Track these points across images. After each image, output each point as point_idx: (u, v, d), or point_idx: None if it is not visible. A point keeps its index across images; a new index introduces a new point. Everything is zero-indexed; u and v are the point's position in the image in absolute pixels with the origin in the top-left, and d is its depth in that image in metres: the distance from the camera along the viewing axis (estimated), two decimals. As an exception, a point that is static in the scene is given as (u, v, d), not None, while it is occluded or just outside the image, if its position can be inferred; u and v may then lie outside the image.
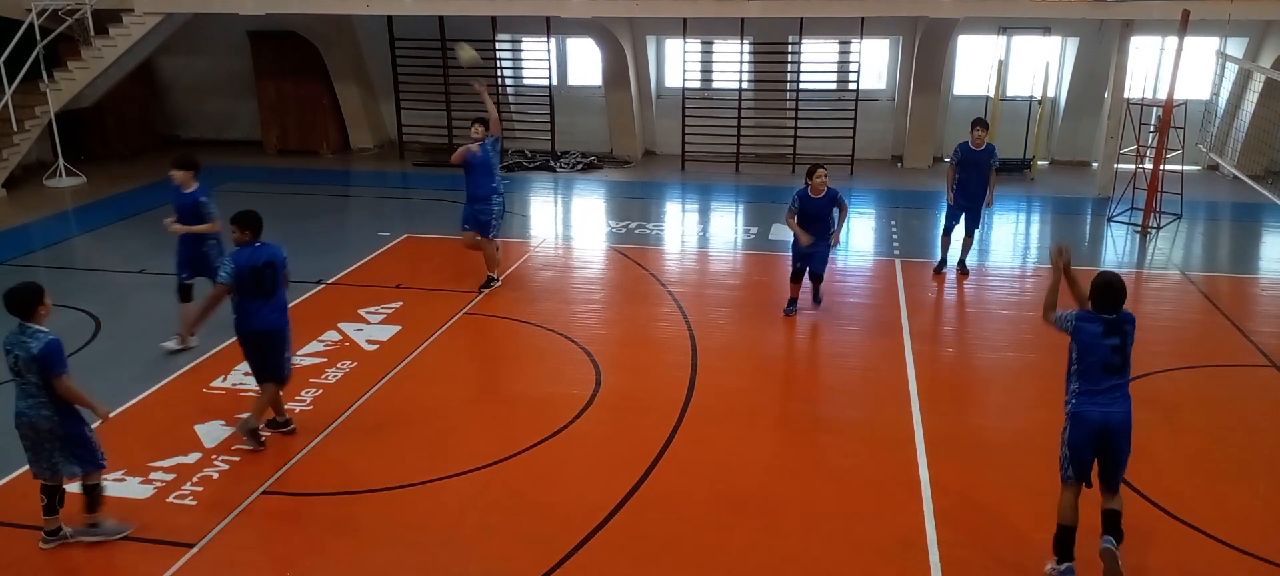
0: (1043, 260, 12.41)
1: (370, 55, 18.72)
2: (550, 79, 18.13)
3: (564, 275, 11.75)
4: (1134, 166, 13.92)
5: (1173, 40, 12.91)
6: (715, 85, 18.14)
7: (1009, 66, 17.27)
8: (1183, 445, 7.41)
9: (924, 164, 17.44)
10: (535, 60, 18.72)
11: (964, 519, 6.35)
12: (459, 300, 10.40)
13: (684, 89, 17.72)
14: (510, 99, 18.90)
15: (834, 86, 17.62)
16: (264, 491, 6.65)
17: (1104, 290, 5.49)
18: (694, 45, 18.01)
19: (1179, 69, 12.68)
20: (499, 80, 18.36)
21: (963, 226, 11.17)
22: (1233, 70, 15.60)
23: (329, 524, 6.38)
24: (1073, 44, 17.07)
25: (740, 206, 15.26)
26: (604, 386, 8.35)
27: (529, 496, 6.65)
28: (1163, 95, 13.32)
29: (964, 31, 16.91)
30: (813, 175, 9.32)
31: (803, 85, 17.43)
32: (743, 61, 17.20)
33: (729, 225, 14.27)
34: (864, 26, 16.51)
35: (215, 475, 6.86)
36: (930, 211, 14.14)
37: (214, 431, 7.49)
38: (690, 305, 10.35)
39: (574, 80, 19.00)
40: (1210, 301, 10.67)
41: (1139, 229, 13.18)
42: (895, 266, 11.78)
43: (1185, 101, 13.95)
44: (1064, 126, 17.71)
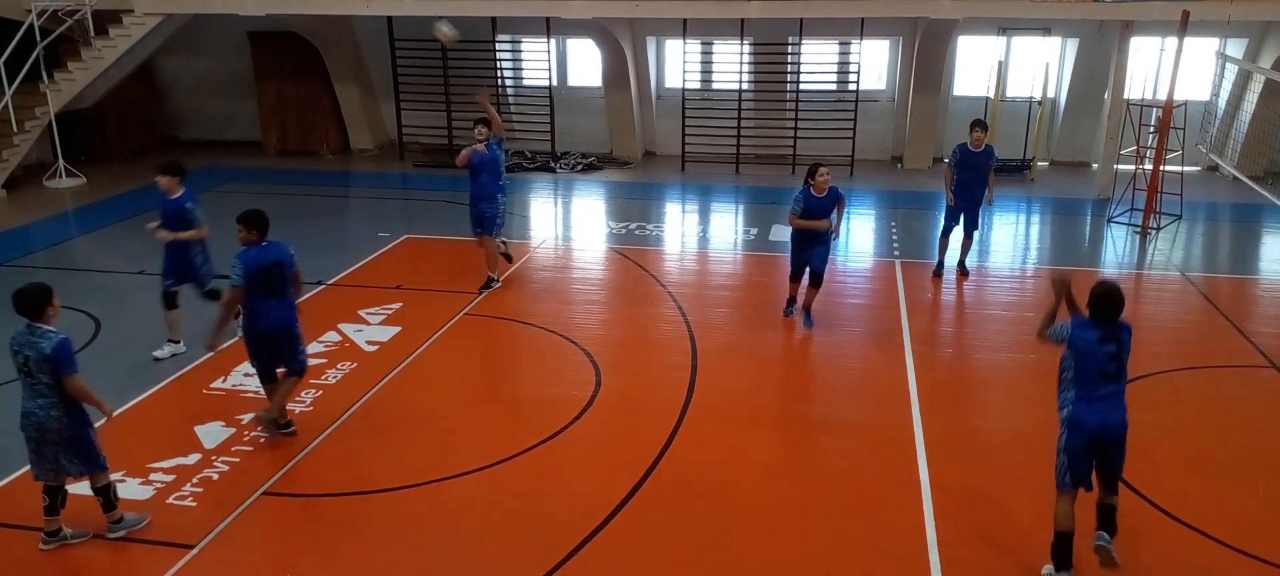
0: (1042, 261, 12.44)
1: (370, 56, 18.72)
2: (550, 80, 18.13)
3: (564, 276, 11.75)
4: (1134, 167, 13.92)
5: (1172, 41, 12.91)
6: (715, 86, 18.14)
7: (1009, 67, 17.27)
8: (1183, 446, 7.40)
9: (924, 164, 17.44)
10: (535, 61, 18.72)
11: (964, 519, 6.35)
12: (459, 301, 10.41)
13: (684, 90, 17.72)
14: (510, 100, 18.90)
15: (834, 87, 17.62)
16: (264, 492, 6.66)
17: (1103, 299, 5.47)
18: (694, 46, 18.01)
19: (1179, 70, 12.68)
20: (499, 81, 18.36)
21: (961, 228, 11.18)
22: (1232, 71, 15.60)
23: (329, 525, 6.38)
24: (1073, 44, 17.08)
25: (740, 207, 15.26)
26: (604, 387, 8.35)
27: (529, 497, 6.65)
28: (1163, 96, 13.31)
29: (964, 32, 16.92)
30: (815, 175, 9.20)
31: (803, 86, 17.43)
32: (743, 62, 17.20)
33: (729, 226, 14.27)
34: (864, 27, 16.52)
35: (215, 476, 6.87)
36: (930, 212, 14.13)
37: (214, 432, 7.49)
38: (690, 306, 10.36)
39: (574, 81, 19.00)
40: (1210, 302, 10.67)
41: (1139, 230, 13.19)
42: (895, 267, 11.78)
43: (1185, 102, 13.95)
44: (1064, 127, 17.72)
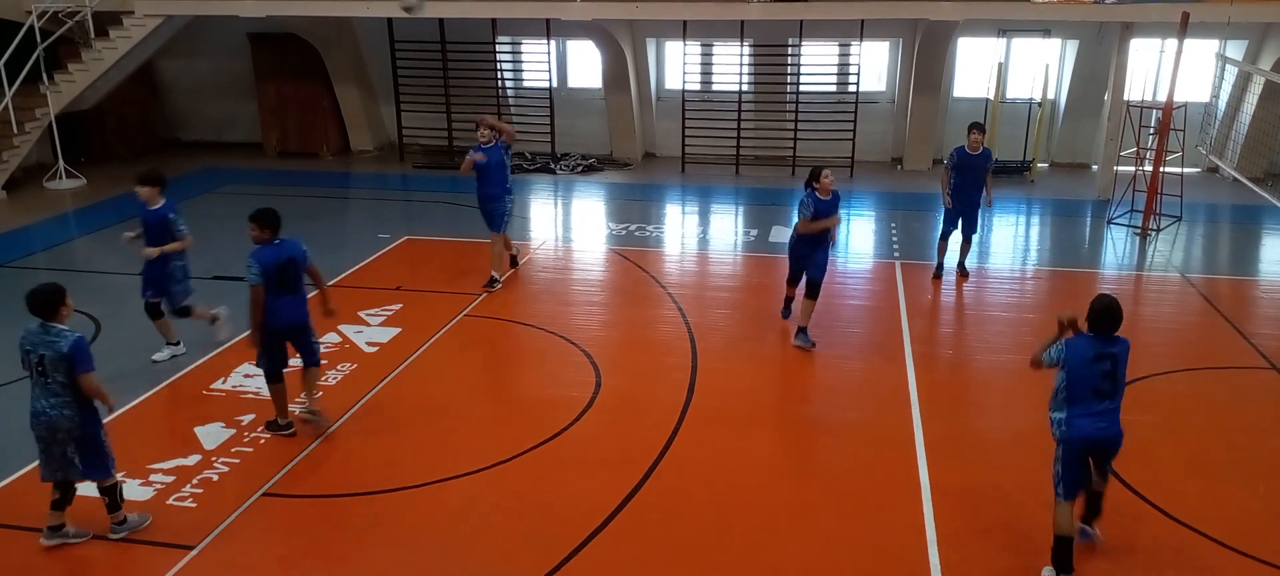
0: (1042, 262, 12.44)
1: (370, 57, 18.72)
2: (550, 81, 18.14)
3: (564, 277, 11.75)
4: (1134, 169, 13.92)
5: (1172, 42, 12.91)
6: (715, 87, 18.13)
7: (1009, 69, 17.27)
8: (1183, 446, 7.41)
9: (924, 166, 17.44)
10: (535, 62, 18.73)
11: (964, 520, 6.35)
12: (459, 302, 10.41)
13: (684, 91, 17.71)
14: (510, 101, 18.91)
15: (834, 89, 17.61)
16: (264, 493, 6.66)
17: (1102, 314, 5.48)
18: (694, 47, 18.00)
19: (1178, 71, 12.69)
20: (499, 82, 18.37)
21: (960, 231, 11.16)
22: (1232, 72, 15.59)
23: (329, 525, 6.38)
24: (1072, 46, 17.08)
25: (740, 209, 15.26)
26: (604, 388, 8.35)
27: (529, 498, 6.65)
28: (1162, 97, 13.31)
29: (964, 34, 16.92)
30: (819, 177, 8.96)
31: (803, 87, 17.43)
32: (743, 64, 17.20)
33: (729, 227, 14.27)
34: (864, 29, 16.52)
35: (215, 477, 6.87)
36: (930, 214, 14.12)
37: (214, 433, 7.50)
38: (690, 307, 10.36)
39: (574, 82, 19.00)
40: (1210, 303, 10.67)
41: (1139, 231, 13.19)
42: (895, 268, 11.78)
43: (1185, 104, 13.95)
44: (1064, 129, 17.71)
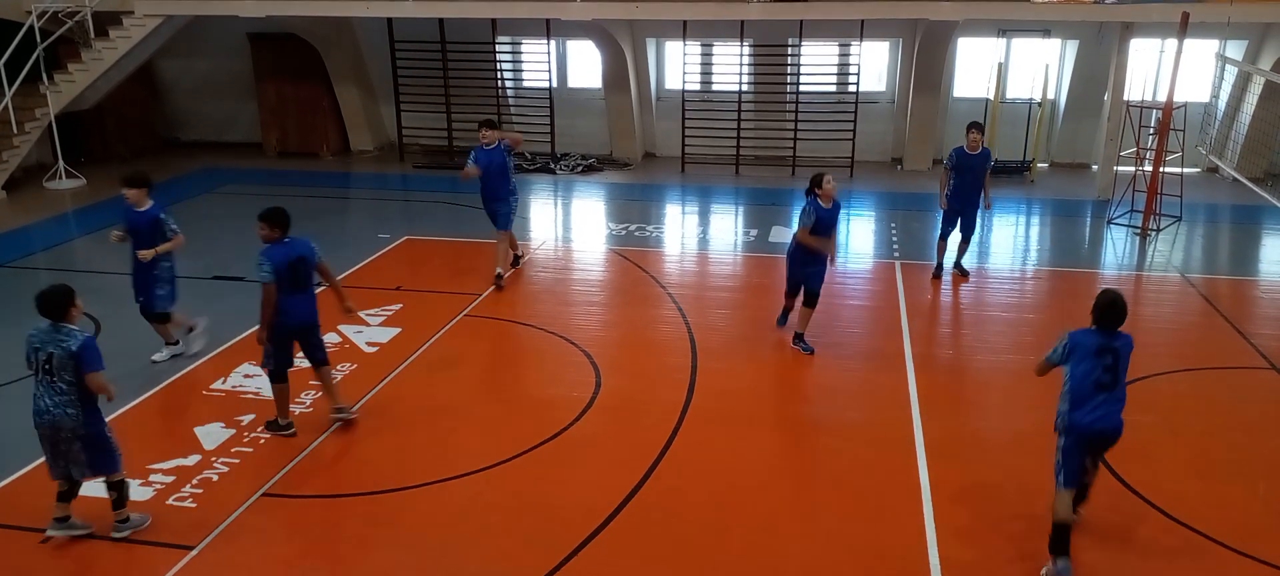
0: (1042, 263, 12.44)
1: (370, 57, 18.72)
2: (550, 81, 18.13)
3: (564, 277, 11.74)
4: (1134, 169, 13.92)
5: (1172, 43, 12.91)
6: (715, 88, 18.13)
7: (1009, 69, 17.28)
8: (1183, 446, 7.41)
9: (924, 166, 17.44)
10: (535, 63, 18.72)
11: (964, 520, 6.35)
12: (459, 302, 10.40)
13: (684, 91, 17.70)
14: (510, 101, 18.91)
15: (834, 89, 17.62)
16: (264, 493, 6.66)
17: (1107, 309, 5.52)
18: (694, 47, 18.00)
19: (1178, 71, 12.69)
20: (499, 82, 18.37)
21: (958, 231, 11.15)
22: (1232, 72, 15.59)
23: (329, 526, 6.39)
24: (1072, 46, 17.08)
25: (740, 209, 15.25)
26: (604, 388, 8.35)
27: (529, 498, 6.65)
28: (1162, 97, 13.31)
29: (964, 34, 16.92)
30: (821, 183, 8.72)
31: (802, 87, 17.43)
32: (742, 64, 17.20)
33: (729, 227, 14.26)
34: (864, 29, 16.52)
35: (215, 477, 6.87)
36: (930, 214, 14.10)
37: (214, 433, 7.49)
38: (690, 307, 10.35)
39: (574, 82, 19.00)
40: (1210, 304, 10.67)
41: (1139, 231, 13.19)
42: (895, 268, 11.78)
43: (1185, 104, 13.95)
44: (1064, 129, 17.72)
